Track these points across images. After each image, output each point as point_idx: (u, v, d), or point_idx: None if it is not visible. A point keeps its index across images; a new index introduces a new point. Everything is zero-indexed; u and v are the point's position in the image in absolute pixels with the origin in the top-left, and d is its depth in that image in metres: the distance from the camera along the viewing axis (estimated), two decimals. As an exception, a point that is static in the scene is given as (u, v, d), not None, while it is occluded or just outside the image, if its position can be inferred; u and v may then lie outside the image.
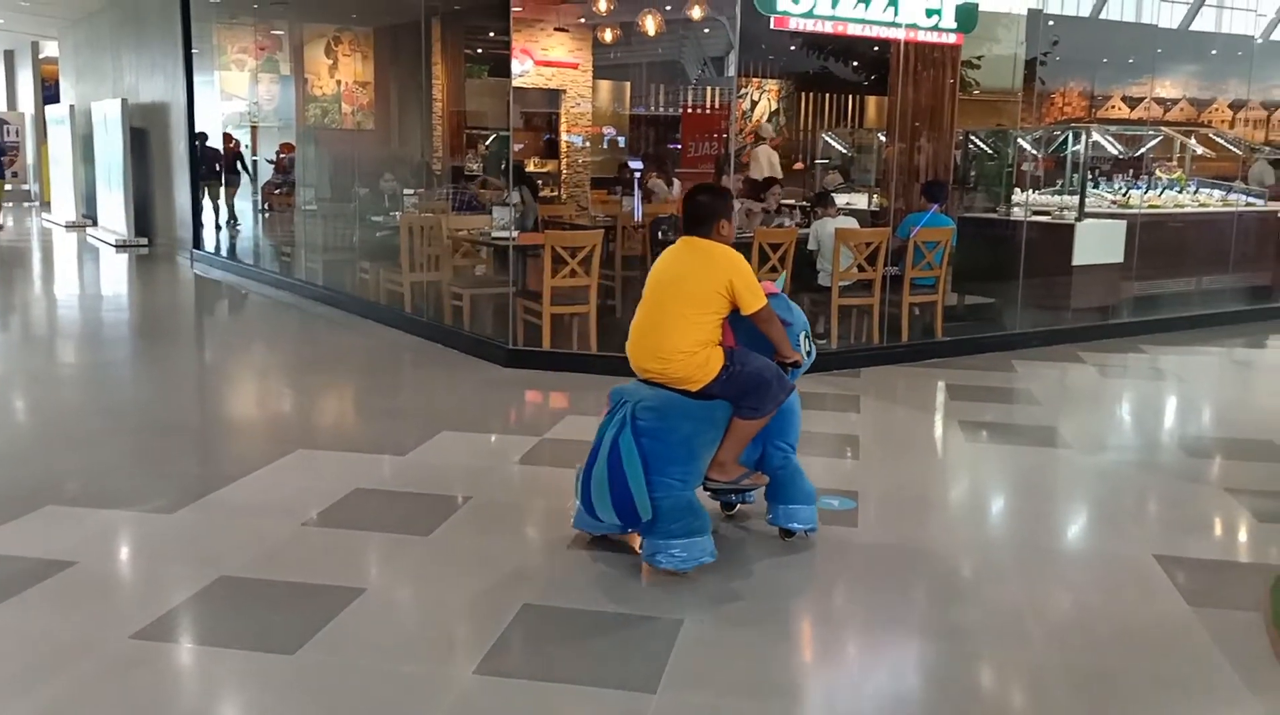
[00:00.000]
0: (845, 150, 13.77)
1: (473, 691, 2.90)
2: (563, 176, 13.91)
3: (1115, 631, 3.32)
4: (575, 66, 13.62)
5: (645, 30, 10.91)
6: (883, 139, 10.56)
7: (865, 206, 10.23)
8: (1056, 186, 10.36)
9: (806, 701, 2.93)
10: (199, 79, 13.25)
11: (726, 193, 4.10)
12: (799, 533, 3.98)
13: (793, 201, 9.84)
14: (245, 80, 13.44)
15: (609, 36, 12.90)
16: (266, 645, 3.09)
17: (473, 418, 5.97)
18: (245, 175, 14.03)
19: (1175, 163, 11.58)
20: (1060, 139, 10.61)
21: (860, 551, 3.98)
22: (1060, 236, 8.83)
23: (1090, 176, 10.21)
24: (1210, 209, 10.40)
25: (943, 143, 8.54)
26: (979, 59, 9.72)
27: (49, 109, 20.43)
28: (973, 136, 10.20)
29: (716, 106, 13.84)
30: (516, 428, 5.93)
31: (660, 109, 14.54)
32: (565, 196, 13.26)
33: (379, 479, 4.73)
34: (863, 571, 3.82)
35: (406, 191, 10.46)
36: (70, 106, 17.75)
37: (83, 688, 2.87)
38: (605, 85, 14.44)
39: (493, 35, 13.00)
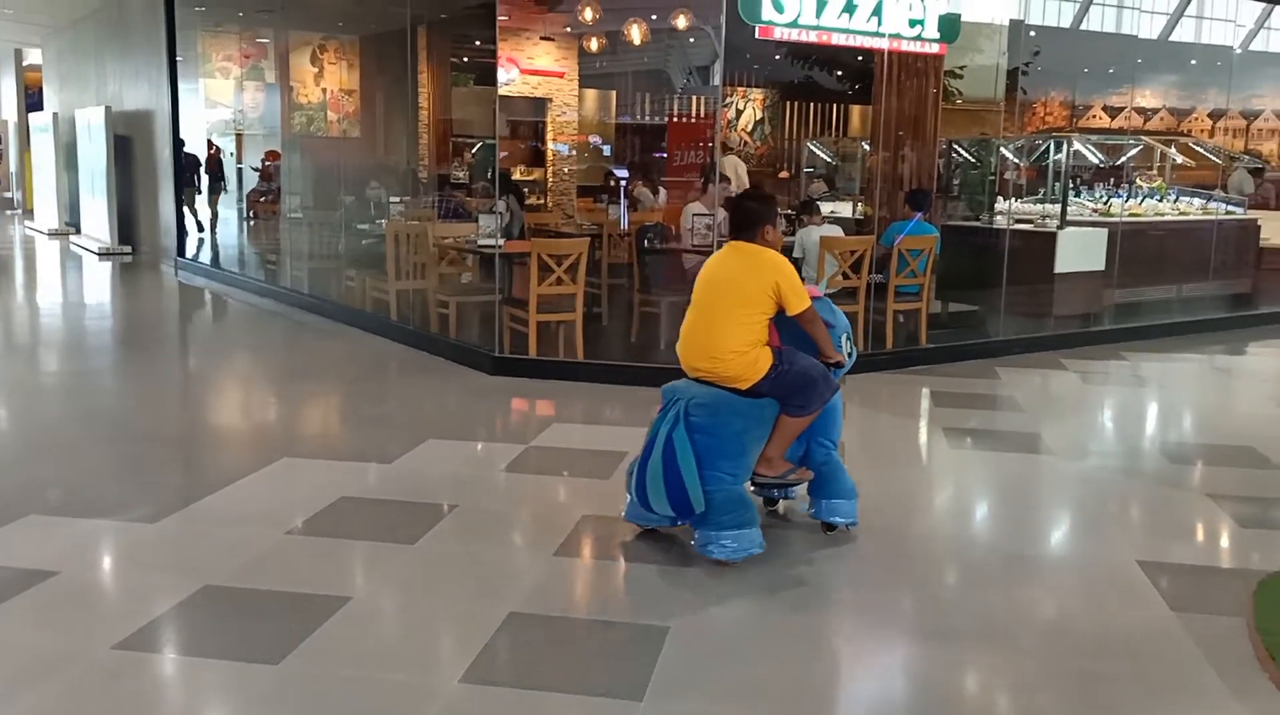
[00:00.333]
0: (830, 159, 13.84)
1: (458, 700, 2.89)
2: (549, 184, 13.93)
3: (1099, 637, 3.34)
4: (561, 75, 13.64)
5: (631, 39, 10.96)
6: (867, 148, 10.62)
7: (850, 214, 10.27)
8: (1039, 195, 10.44)
9: (795, 708, 2.93)
10: (183, 87, 13.20)
11: (772, 199, 4.29)
12: (840, 526, 4.13)
13: (778, 210, 9.86)
14: (230, 88, 13.41)
15: (595, 45, 12.92)
16: (250, 655, 3.07)
17: (459, 426, 5.96)
18: (224, 183, 13.97)
19: (1156, 172, 11.68)
20: (1042, 148, 10.70)
21: (846, 558, 3.99)
22: (1042, 244, 8.89)
23: (1072, 185, 10.29)
24: (1190, 217, 10.49)
25: (926, 152, 8.60)
26: (962, 69, 9.80)
27: (32, 116, 20.31)
28: (956, 145, 10.26)
29: (702, 115, 13.88)
30: (502, 436, 5.92)
31: (646, 118, 14.59)
32: (551, 204, 13.27)
33: (364, 487, 4.72)
34: (849, 578, 3.83)
35: (393, 199, 10.46)
36: (54, 114, 17.64)
37: (64, 699, 2.84)
38: (591, 94, 14.47)
39: (479, 44, 13.02)
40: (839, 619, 3.54)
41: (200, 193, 14.14)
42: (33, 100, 22.96)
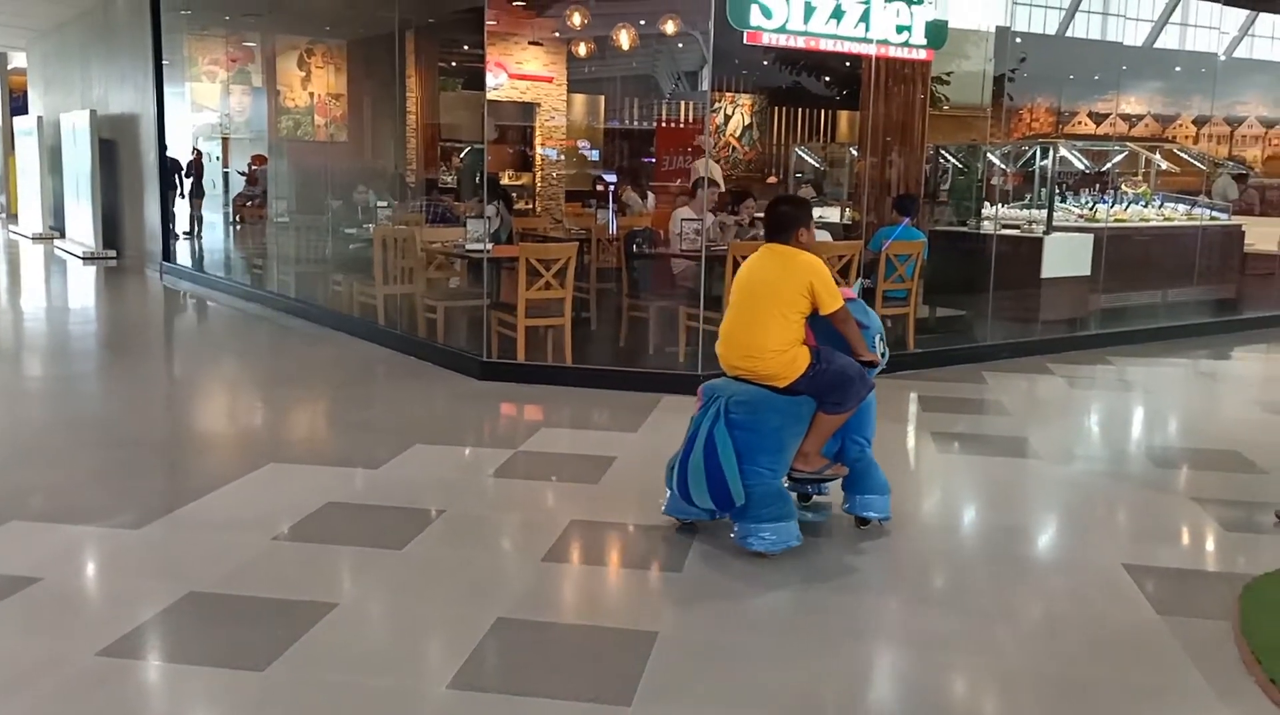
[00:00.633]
0: (818, 164, 13.88)
1: (446, 706, 2.87)
2: (537, 189, 13.92)
3: (1085, 640, 3.35)
4: (550, 80, 13.65)
5: (619, 44, 10.97)
6: (854, 153, 10.66)
7: (838, 220, 10.30)
8: (1025, 200, 10.49)
9: (782, 713, 2.92)
10: (169, 90, 13.14)
11: (806, 203, 4.45)
12: (874, 521, 4.24)
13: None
14: (217, 92, 13.35)
15: (583, 50, 12.94)
16: (236, 662, 3.05)
17: (446, 431, 5.95)
18: (205, 187, 13.89)
19: (1141, 178, 11.75)
20: (1028, 154, 10.75)
21: (832, 562, 3.99)
22: (1029, 250, 8.94)
23: (1058, 191, 10.35)
24: (1175, 223, 10.56)
25: (913, 157, 8.64)
26: (948, 75, 9.84)
27: (17, 120, 20.20)
28: (943, 151, 10.31)
29: (690, 120, 13.91)
30: (490, 441, 5.91)
31: (634, 123, 14.60)
32: (540, 209, 13.26)
33: (351, 492, 4.70)
34: (834, 582, 3.83)
35: (380, 204, 10.43)
36: (38, 118, 17.56)
37: (48, 706, 2.82)
38: (580, 99, 14.48)
39: (467, 48, 13.00)
40: (825, 624, 3.53)
41: (182, 197, 14.05)
42: (17, 104, 22.83)
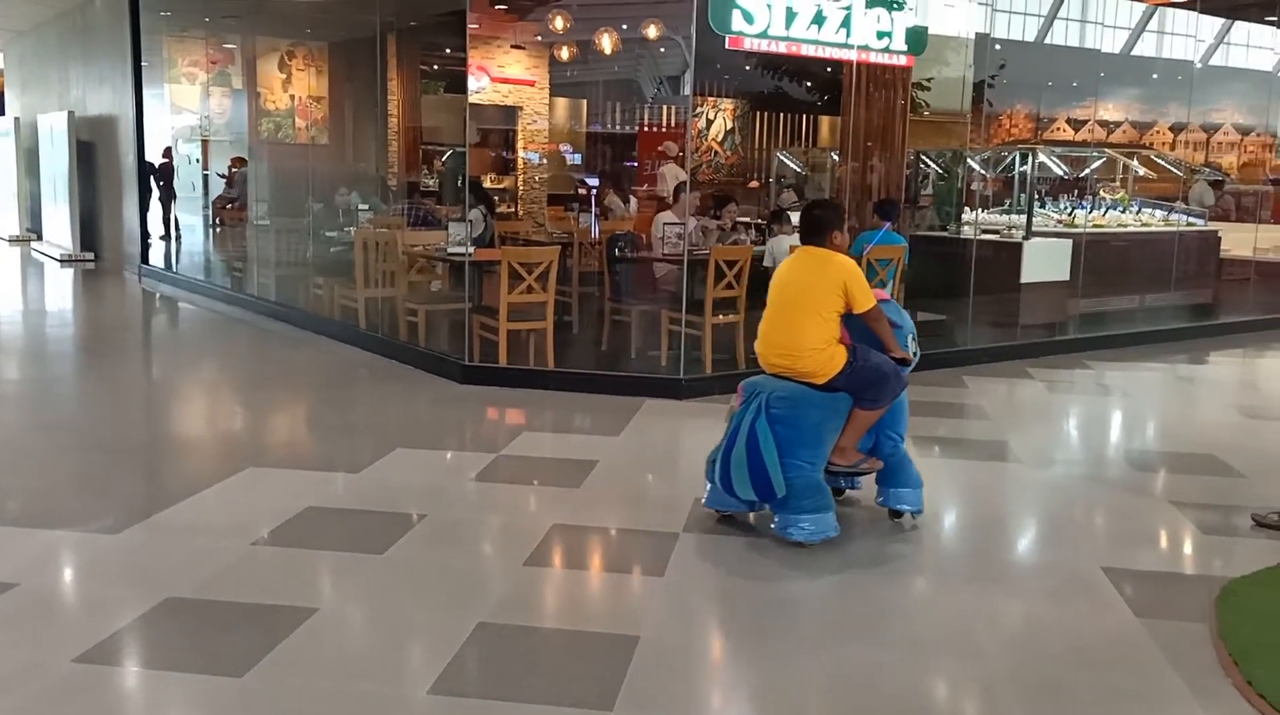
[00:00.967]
0: (799, 169, 13.92)
1: (427, 712, 2.86)
2: (519, 193, 13.91)
3: (1064, 643, 3.36)
4: (532, 84, 13.64)
5: (602, 49, 10.98)
6: (836, 158, 10.69)
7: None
8: (1005, 206, 10.57)
9: (763, 717, 2.93)
10: (148, 92, 13.05)
11: (839, 207, 4.71)
12: (906, 514, 4.38)
13: (748, 219, 9.92)
14: (196, 94, 13.27)
15: (566, 54, 12.94)
16: (214, 668, 3.03)
17: (428, 435, 5.92)
18: (183, 189, 13.76)
19: (1118, 183, 11.86)
20: (1008, 159, 10.83)
21: (811, 566, 4.00)
22: (1008, 255, 9.00)
23: (1037, 196, 10.43)
24: (1152, 229, 10.66)
25: (894, 162, 8.67)
26: (929, 81, 9.90)
27: (-7, 121, 19.99)
28: (923, 156, 10.37)
29: (673, 125, 13.93)
30: (472, 444, 5.89)
31: (617, 127, 14.62)
32: (522, 213, 13.25)
33: (332, 497, 4.67)
34: (813, 586, 3.83)
35: (362, 207, 10.39)
36: (15, 119, 17.39)
37: (24, 713, 2.78)
38: (562, 103, 14.49)
39: (449, 52, 12.99)
40: (805, 628, 3.54)
41: (160, 201, 13.93)
42: (-6, 105, 22.60)
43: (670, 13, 10.14)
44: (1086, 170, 11.29)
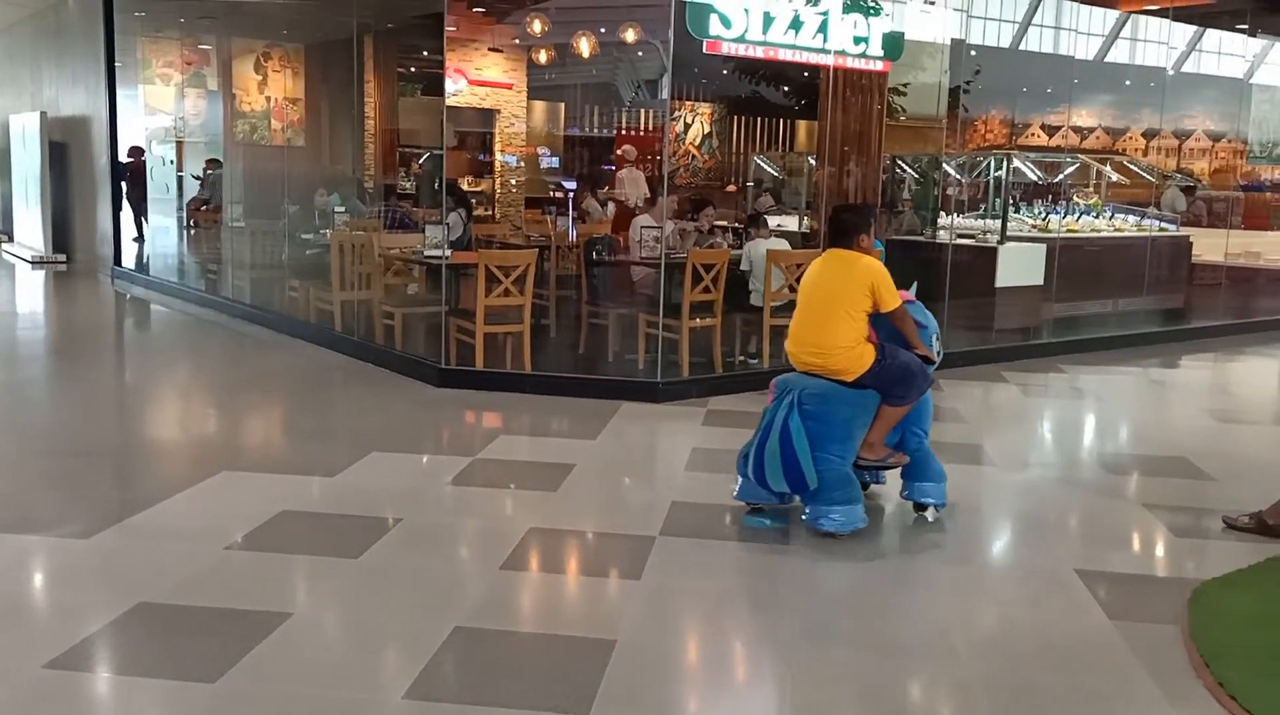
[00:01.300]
0: (776, 173, 13.97)
1: (402, 717, 2.85)
2: (497, 196, 13.87)
3: (1038, 645, 3.39)
4: (509, 87, 13.61)
5: (579, 52, 10.96)
6: (813, 163, 10.74)
7: (796, 228, 10.36)
8: (980, 210, 10.64)
9: (739, 720, 2.93)
10: (122, 93, 12.93)
11: (864, 210, 4.79)
12: (930, 507, 4.53)
13: (725, 223, 9.94)
14: (171, 95, 13.15)
15: (543, 58, 12.92)
16: (187, 674, 3.00)
17: (404, 438, 5.90)
18: (156, 190, 13.61)
19: (1092, 189, 11.97)
20: (983, 164, 10.92)
21: (790, 569, 4.01)
22: (983, 259, 9.07)
23: (1011, 201, 10.51)
24: (1125, 234, 10.77)
25: (871, 167, 8.72)
26: (905, 86, 9.95)
27: (-37, 121, 19.73)
28: (899, 161, 10.43)
29: (650, 128, 13.94)
30: (449, 448, 5.87)
31: (594, 130, 14.61)
32: (499, 216, 13.21)
33: (307, 501, 4.64)
34: (791, 589, 3.85)
35: (339, 209, 10.33)
36: (-14, 119, 17.18)
37: (-9, 721, 2.76)
38: (539, 106, 14.46)
39: (426, 54, 12.93)
40: (784, 630, 3.54)
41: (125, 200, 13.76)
42: (-36, 104, 22.28)
43: (648, 17, 10.14)
44: (1060, 175, 11.40)
